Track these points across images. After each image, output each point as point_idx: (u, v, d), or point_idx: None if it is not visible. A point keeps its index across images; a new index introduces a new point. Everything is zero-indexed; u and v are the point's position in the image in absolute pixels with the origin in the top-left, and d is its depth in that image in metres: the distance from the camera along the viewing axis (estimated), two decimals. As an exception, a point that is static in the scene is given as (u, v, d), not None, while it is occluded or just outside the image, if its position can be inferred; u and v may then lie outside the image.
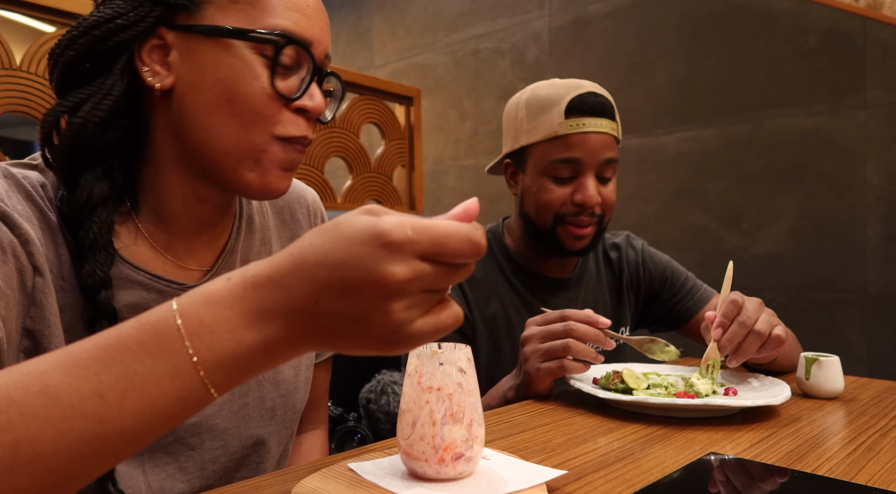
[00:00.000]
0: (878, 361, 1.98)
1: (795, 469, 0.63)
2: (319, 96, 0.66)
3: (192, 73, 0.62)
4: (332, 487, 0.55)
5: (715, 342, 0.91)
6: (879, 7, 2.02)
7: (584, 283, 1.26)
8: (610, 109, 1.12)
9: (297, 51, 0.63)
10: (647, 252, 1.31)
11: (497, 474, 0.58)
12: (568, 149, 1.10)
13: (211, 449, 0.71)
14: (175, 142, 0.65)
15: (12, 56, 1.17)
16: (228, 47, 0.61)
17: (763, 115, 2.19)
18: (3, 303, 0.54)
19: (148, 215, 0.68)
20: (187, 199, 0.68)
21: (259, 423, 0.75)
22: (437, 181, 3.22)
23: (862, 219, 2.01)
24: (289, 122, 0.64)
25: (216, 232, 0.73)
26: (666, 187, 2.42)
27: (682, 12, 2.38)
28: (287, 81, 0.64)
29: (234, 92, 0.61)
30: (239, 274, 0.40)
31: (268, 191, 0.66)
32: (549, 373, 0.90)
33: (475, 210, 0.41)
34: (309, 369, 0.84)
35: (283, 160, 0.66)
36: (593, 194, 1.10)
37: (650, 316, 1.33)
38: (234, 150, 0.63)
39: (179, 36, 0.62)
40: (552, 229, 1.13)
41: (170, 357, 0.38)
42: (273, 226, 0.82)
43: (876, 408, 0.88)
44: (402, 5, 3.40)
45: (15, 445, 0.35)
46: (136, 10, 0.61)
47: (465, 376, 0.56)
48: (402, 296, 0.38)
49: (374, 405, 1.26)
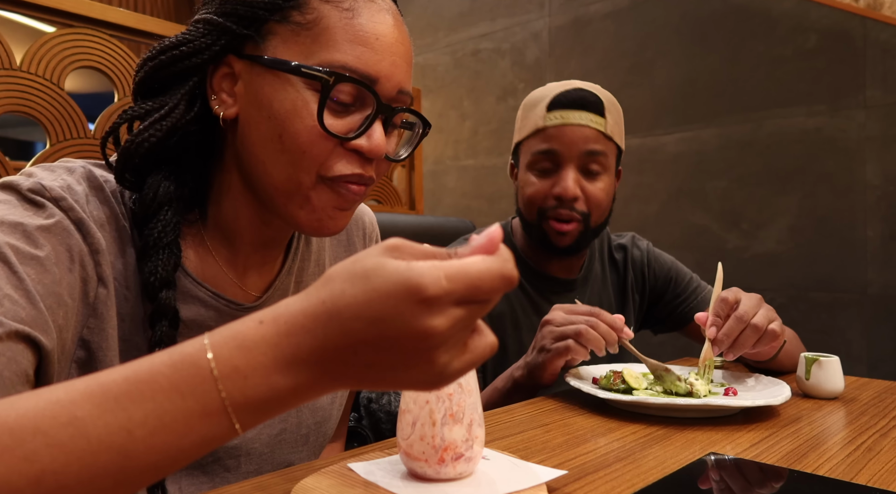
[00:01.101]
0: (878, 361, 1.98)
1: (795, 470, 0.63)
2: (379, 137, 0.62)
3: (252, 104, 0.61)
4: (332, 487, 0.55)
5: (709, 342, 0.91)
6: (879, 7, 2.02)
7: (590, 284, 1.26)
8: (594, 104, 1.12)
9: (355, 88, 0.61)
10: (651, 253, 1.31)
11: (497, 474, 0.58)
12: (546, 140, 1.12)
13: (246, 473, 0.71)
14: (239, 171, 0.65)
15: (12, 56, 1.17)
16: (285, 81, 0.60)
17: (763, 115, 2.19)
18: (62, 312, 0.54)
19: (214, 231, 0.68)
20: (252, 220, 0.67)
21: (293, 449, 0.76)
22: (437, 181, 3.22)
23: (862, 219, 2.01)
24: (340, 161, 0.62)
25: (274, 252, 0.73)
26: (666, 187, 2.42)
27: (682, 12, 2.38)
28: (345, 119, 0.61)
29: (285, 128, 0.60)
30: (271, 318, 0.39)
31: (319, 230, 0.65)
32: (557, 355, 0.91)
33: (499, 237, 0.40)
34: (343, 396, 0.85)
35: (333, 200, 0.63)
36: (568, 185, 1.09)
37: (654, 317, 1.33)
38: (284, 186, 0.62)
39: (245, 66, 0.62)
40: (538, 224, 1.14)
41: (201, 399, 0.38)
42: (328, 247, 0.81)
43: (876, 408, 0.88)
44: (402, 5, 3.38)
45: (39, 476, 0.35)
46: (204, 37, 0.61)
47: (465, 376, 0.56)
48: (443, 345, 0.38)
49: (374, 404, 1.26)
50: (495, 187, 2.99)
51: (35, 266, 0.52)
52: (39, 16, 1.23)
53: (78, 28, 1.26)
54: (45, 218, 0.55)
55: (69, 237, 0.56)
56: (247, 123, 0.62)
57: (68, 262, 0.55)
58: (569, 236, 1.12)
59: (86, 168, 0.62)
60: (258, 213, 0.67)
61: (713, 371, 0.93)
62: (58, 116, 1.22)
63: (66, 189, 0.58)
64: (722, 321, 0.90)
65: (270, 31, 0.60)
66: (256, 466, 0.72)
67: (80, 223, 0.57)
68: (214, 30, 0.61)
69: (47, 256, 0.53)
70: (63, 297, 0.54)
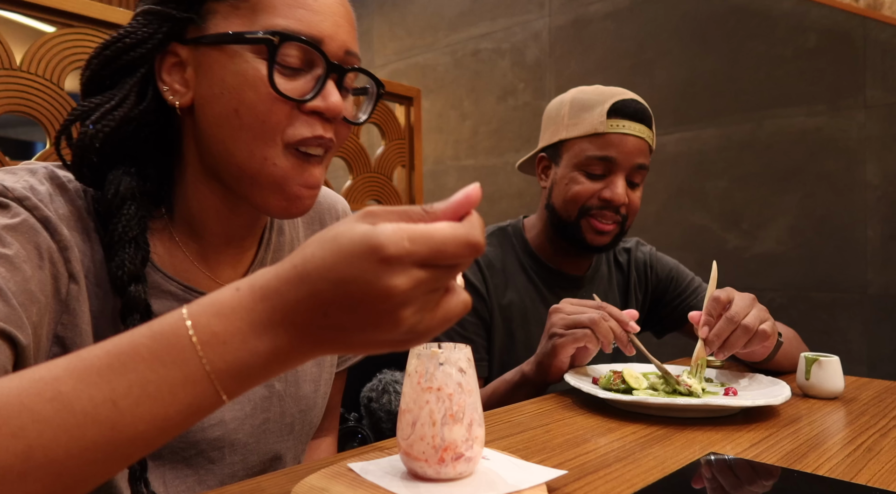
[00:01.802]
0: (878, 361, 1.98)
1: (795, 469, 0.63)
2: (335, 96, 0.62)
3: (204, 86, 0.61)
4: (332, 487, 0.55)
5: (702, 341, 0.92)
6: (879, 7, 2.02)
7: (597, 282, 1.31)
8: (649, 118, 1.18)
9: (302, 49, 0.60)
10: (654, 255, 1.37)
11: (497, 474, 0.58)
12: (605, 147, 1.15)
13: (231, 464, 0.71)
14: (201, 157, 0.65)
15: (12, 56, 1.17)
16: (232, 55, 0.60)
17: (763, 115, 2.19)
18: (36, 309, 0.54)
19: (182, 225, 0.68)
20: (219, 210, 0.67)
21: (278, 438, 0.76)
22: (437, 181, 3.22)
23: (862, 219, 2.01)
24: (300, 125, 0.61)
25: (246, 243, 0.73)
26: (666, 187, 2.42)
27: (682, 12, 2.38)
28: (297, 81, 0.61)
29: (240, 101, 0.60)
30: (247, 284, 0.40)
31: (287, 210, 0.64)
32: (572, 340, 0.93)
33: (477, 197, 0.40)
34: (328, 384, 0.84)
35: (299, 176, 0.63)
36: (622, 192, 1.15)
37: (656, 315, 1.36)
38: (249, 165, 0.61)
39: (191, 51, 0.62)
40: (576, 220, 1.18)
41: (183, 366, 0.38)
42: (303, 237, 0.81)
43: (876, 408, 0.88)
44: (402, 5, 3.40)
45: (27, 451, 0.36)
46: (145, 27, 0.61)
47: (465, 376, 0.56)
48: (407, 304, 0.38)
49: (375, 404, 1.26)
50: (495, 187, 2.99)
51: (4, 264, 0.52)
52: (39, 16, 1.23)
53: (78, 28, 1.26)
54: (10, 218, 0.55)
55: (36, 235, 0.56)
56: (202, 107, 0.62)
57: (37, 259, 0.55)
58: (608, 236, 1.18)
59: (48, 169, 0.62)
60: (224, 202, 0.67)
61: (705, 370, 0.94)
62: (58, 116, 1.22)
63: (29, 189, 0.58)
64: (714, 321, 0.91)
65: (210, 10, 0.61)
66: (241, 457, 0.72)
67: (47, 222, 0.57)
68: (156, 18, 0.61)
69: (16, 253, 0.54)
70: (35, 294, 0.54)
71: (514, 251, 1.27)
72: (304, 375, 0.79)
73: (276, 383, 0.75)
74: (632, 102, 1.17)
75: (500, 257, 1.25)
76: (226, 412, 0.70)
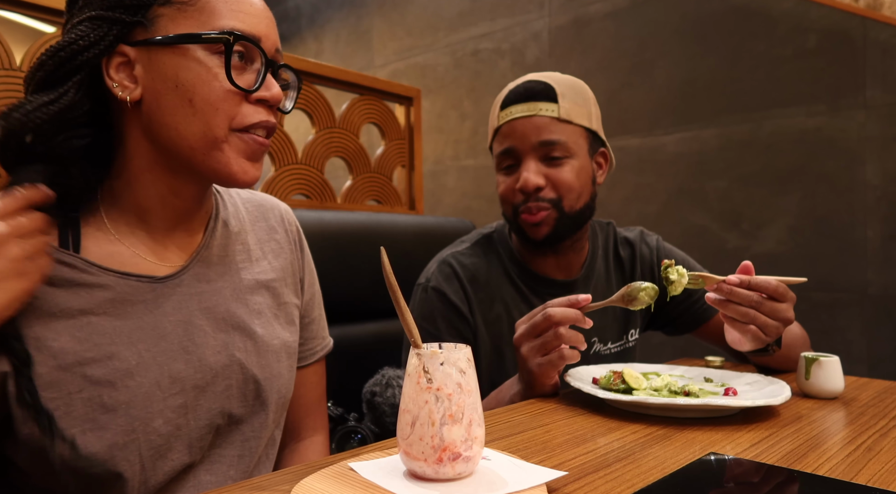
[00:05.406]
0: (878, 361, 1.98)
1: (795, 469, 0.63)
2: (276, 87, 0.72)
3: (156, 81, 0.68)
4: (332, 487, 0.55)
5: (706, 275, 0.90)
6: (879, 7, 2.02)
7: (592, 285, 1.21)
8: (541, 92, 1.10)
9: (247, 47, 0.69)
10: (662, 249, 1.26)
11: (497, 474, 0.58)
12: (503, 140, 1.13)
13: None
14: (149, 145, 0.70)
15: (12, 56, 1.17)
16: (184, 53, 0.67)
17: (763, 115, 2.19)
18: None
19: (126, 215, 0.72)
20: (163, 195, 0.73)
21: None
22: (437, 181, 3.22)
23: (862, 219, 2.01)
24: (249, 113, 0.70)
25: (193, 227, 0.77)
26: (666, 187, 2.42)
27: (682, 12, 2.38)
28: (243, 75, 0.69)
29: (195, 92, 0.67)
30: None
31: (235, 178, 0.71)
32: (550, 366, 0.88)
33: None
34: (292, 370, 0.84)
35: (246, 149, 0.70)
36: (526, 177, 1.09)
37: (664, 316, 1.27)
38: (200, 143, 0.68)
39: (140, 51, 0.68)
40: (514, 220, 1.15)
41: None
42: (250, 229, 0.85)
43: (876, 408, 0.88)
44: (402, 5, 3.40)
45: None
46: (95, 31, 0.66)
47: (464, 376, 0.56)
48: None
49: (379, 397, 1.26)
50: (495, 187, 2.98)
51: None
52: (39, 16, 1.23)
53: (78, 28, 1.26)
54: None
55: None
56: (153, 100, 0.68)
57: None
58: (543, 226, 1.11)
59: None
60: (168, 186, 0.72)
61: (693, 286, 0.91)
62: (58, 116, 1.22)
63: None
64: (746, 284, 0.89)
65: (157, 14, 0.67)
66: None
67: None
68: (104, 23, 0.66)
69: None
70: None
71: (500, 260, 1.19)
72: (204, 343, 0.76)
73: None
74: (521, 85, 1.12)
75: (485, 269, 1.18)
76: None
